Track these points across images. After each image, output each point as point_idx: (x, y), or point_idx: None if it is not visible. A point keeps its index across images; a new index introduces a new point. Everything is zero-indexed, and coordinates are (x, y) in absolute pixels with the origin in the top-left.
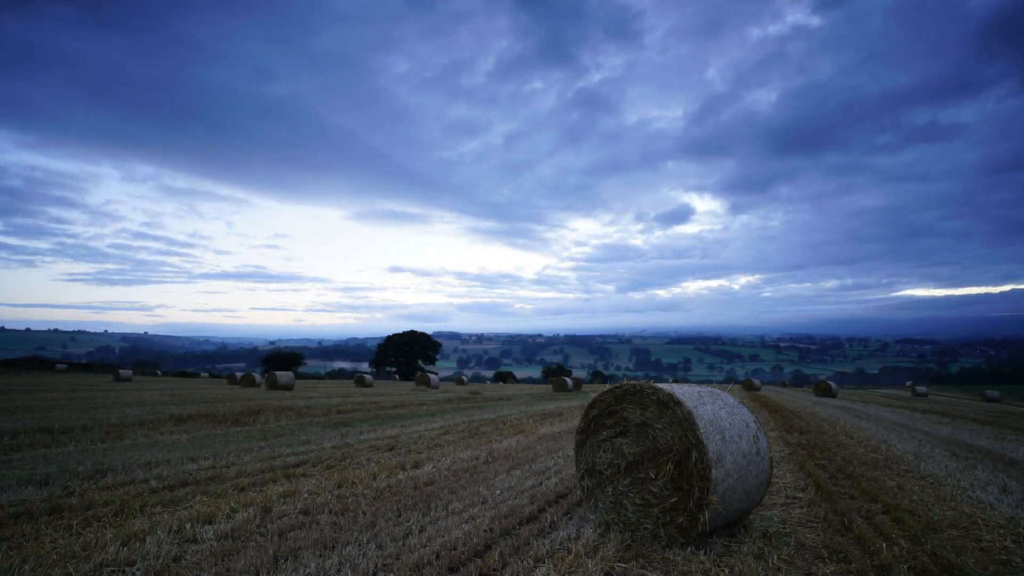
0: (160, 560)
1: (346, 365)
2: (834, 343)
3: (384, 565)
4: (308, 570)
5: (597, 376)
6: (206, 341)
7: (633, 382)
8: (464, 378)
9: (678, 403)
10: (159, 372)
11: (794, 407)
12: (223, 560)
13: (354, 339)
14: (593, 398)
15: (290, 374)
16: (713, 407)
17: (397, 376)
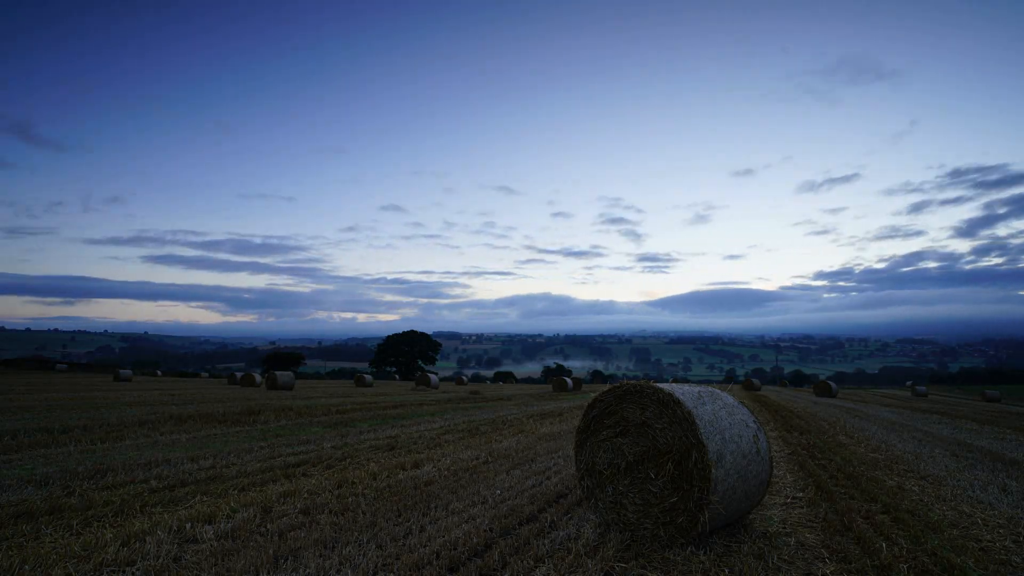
0: (160, 560)
1: (346, 365)
2: (834, 343)
3: (384, 565)
4: (308, 570)
5: (597, 376)
6: (206, 341)
7: (633, 382)
8: (464, 378)
9: (678, 403)
10: (159, 372)
11: (794, 407)
12: (223, 560)
13: (354, 339)
14: (593, 398)
15: (290, 374)
16: (713, 407)
17: (397, 376)
